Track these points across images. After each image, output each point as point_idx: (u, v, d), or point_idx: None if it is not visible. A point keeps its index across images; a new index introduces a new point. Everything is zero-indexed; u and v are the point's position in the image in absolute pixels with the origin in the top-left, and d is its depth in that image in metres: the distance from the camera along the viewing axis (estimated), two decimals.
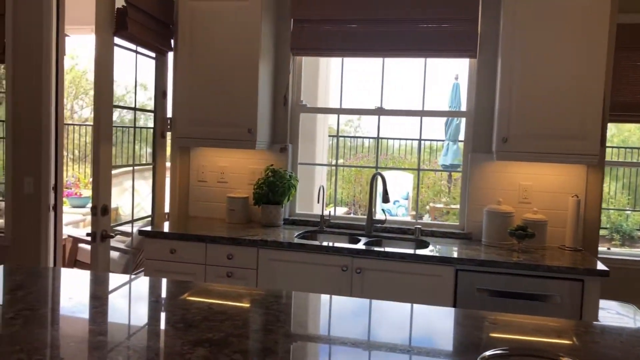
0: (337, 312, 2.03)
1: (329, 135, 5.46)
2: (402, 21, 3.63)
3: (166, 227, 3.60)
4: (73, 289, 2.15)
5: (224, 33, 3.55)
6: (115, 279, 2.29)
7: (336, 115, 4.24)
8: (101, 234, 2.94)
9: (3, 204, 4.20)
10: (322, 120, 4.88)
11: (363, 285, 3.11)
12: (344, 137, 9.24)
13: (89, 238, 3.00)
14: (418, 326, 1.89)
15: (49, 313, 1.78)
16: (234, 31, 3.53)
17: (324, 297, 2.17)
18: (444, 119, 7.36)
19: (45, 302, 1.92)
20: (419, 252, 3.14)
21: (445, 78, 7.03)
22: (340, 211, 7.02)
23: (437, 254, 3.09)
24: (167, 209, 4.06)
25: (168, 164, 4.03)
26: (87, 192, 8.07)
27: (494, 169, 3.58)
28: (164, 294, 2.12)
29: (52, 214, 4.03)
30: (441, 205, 8.18)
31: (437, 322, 1.92)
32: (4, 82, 4.17)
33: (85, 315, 1.82)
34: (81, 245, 5.33)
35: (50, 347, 1.48)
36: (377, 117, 3.94)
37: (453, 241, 3.53)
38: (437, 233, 3.64)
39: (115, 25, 3.02)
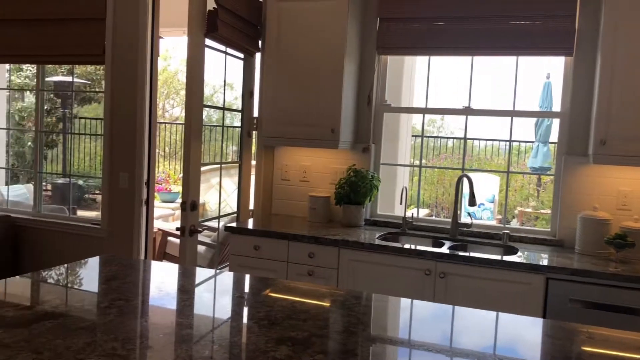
0: (418, 316, 1.98)
1: (412, 135, 5.37)
2: (493, 18, 3.50)
3: (250, 223, 3.68)
4: (162, 281, 2.24)
5: (309, 33, 3.58)
6: (201, 273, 2.37)
7: (419, 115, 4.16)
8: (189, 228, 3.04)
9: (100, 197, 4.46)
10: (406, 120, 4.80)
11: (446, 291, 3.03)
12: (428, 137, 9.07)
13: (178, 232, 3.11)
14: (504, 336, 1.81)
15: (140, 304, 1.86)
16: (320, 31, 3.55)
17: (405, 301, 2.13)
18: (534, 120, 7.05)
19: (137, 293, 2.01)
20: (507, 258, 3.01)
21: (536, 77, 6.73)
22: (423, 213, 6.90)
23: (526, 261, 2.96)
24: (251, 206, 4.14)
25: (253, 162, 4.11)
26: (177, 188, 8.42)
27: (589, 173, 3.38)
28: (247, 290, 2.16)
29: (144, 208, 4.23)
30: (530, 210, 7.84)
31: (525, 332, 1.83)
32: (103, 82, 4.42)
33: (173, 307, 1.88)
34: (170, 238, 5.56)
35: (141, 338, 1.54)
36: (464, 117, 3.83)
37: (543, 248, 3.36)
38: (526, 239, 3.48)
39: (207, 26, 3.12)
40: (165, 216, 7.31)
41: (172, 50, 11.88)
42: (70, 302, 1.85)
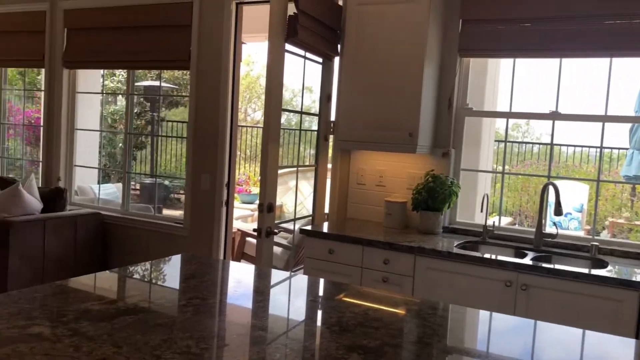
0: (498, 330, 1.89)
1: (495, 140, 5.19)
2: (585, 18, 3.31)
3: (325, 227, 3.68)
4: (238, 281, 2.27)
5: (389, 36, 3.54)
6: (276, 275, 2.39)
7: (503, 119, 4.01)
8: (266, 230, 3.08)
9: (183, 197, 4.62)
10: (488, 125, 4.64)
11: (528, 304, 2.88)
12: (512, 142, 8.74)
13: (255, 233, 3.17)
14: (591, 355, 1.69)
15: (217, 303, 1.90)
16: (400, 34, 3.50)
17: (484, 313, 2.04)
18: (628, 126, 6.61)
19: (214, 292, 2.06)
20: (596, 272, 2.83)
21: (631, 80, 6.31)
22: (505, 221, 6.64)
23: (618, 276, 2.76)
24: (326, 210, 4.15)
25: (329, 166, 4.12)
26: (257, 190, 8.61)
27: None
28: (320, 294, 2.16)
29: (224, 208, 4.35)
30: (622, 221, 7.35)
31: (615, 353, 1.70)
32: (188, 87, 4.59)
33: (248, 307, 1.91)
34: (249, 239, 5.68)
35: (216, 337, 1.57)
36: (550, 121, 3.64)
37: (637, 262, 3.14)
38: (618, 252, 3.26)
39: (287, 31, 3.16)
40: (245, 217, 7.49)
41: (255, 56, 12.18)
42: (151, 298, 1.92)
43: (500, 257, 3.07)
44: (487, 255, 3.11)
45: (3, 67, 5.71)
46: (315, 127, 4.17)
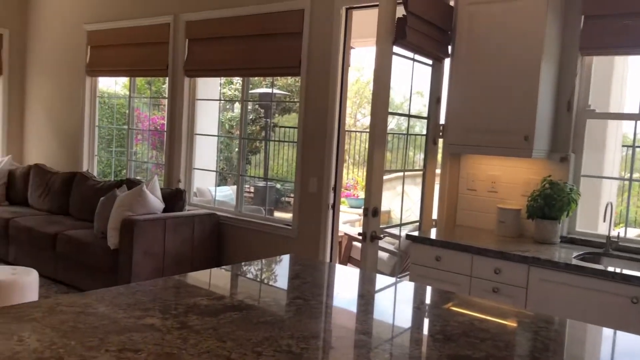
0: (622, 350, 1.73)
1: (623, 145, 4.78)
2: None
3: (433, 233, 3.59)
4: (342, 284, 2.27)
5: (503, 36, 3.38)
6: (381, 280, 2.36)
7: (631, 122, 3.68)
8: (371, 234, 3.06)
9: (292, 200, 4.73)
10: (615, 128, 4.29)
11: None
12: None
13: (361, 237, 3.16)
14: None
15: (320, 305, 1.91)
16: (515, 33, 3.33)
17: (607, 331, 1.87)
18: None
19: (319, 293, 2.07)
20: None
21: None
22: (632, 233, 6.09)
23: None
24: (434, 216, 4.05)
25: (438, 171, 4.01)
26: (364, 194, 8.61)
27: None
28: (425, 301, 2.10)
29: (330, 212, 4.38)
30: None
31: None
32: (297, 92, 4.69)
33: (352, 311, 1.90)
34: (355, 243, 5.69)
35: (316, 338, 1.57)
36: None
37: None
38: None
39: (395, 34, 3.12)
40: (352, 221, 7.52)
41: (364, 61, 12.21)
42: (256, 296, 1.97)
43: (625, 271, 2.81)
44: (610, 269, 2.86)
45: (132, 76, 6.19)
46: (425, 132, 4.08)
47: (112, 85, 7.42)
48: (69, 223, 5.32)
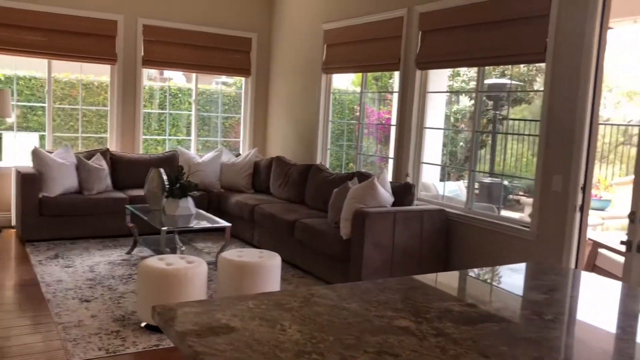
0: None
1: None
2: None
3: None
4: (603, 300, 1.95)
5: None
6: None
7: None
8: (637, 243, 2.62)
9: (524, 198, 4.34)
10: None
11: None
12: None
13: (612, 245, 2.73)
14: None
15: (586, 324, 1.65)
16: None
17: None
18: None
19: (578, 309, 1.80)
20: None
21: None
22: None
23: None
24: None
25: None
26: (608, 195, 7.67)
27: None
28: None
29: (578, 214, 3.92)
30: None
31: None
32: (534, 83, 4.28)
33: (607, 330, 1.60)
34: (601, 250, 5.05)
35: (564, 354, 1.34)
36: None
37: None
38: None
39: None
40: (594, 225, 6.72)
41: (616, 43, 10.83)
42: (512, 307, 1.78)
43: None
44: None
45: (365, 72, 6.34)
46: None
47: (342, 82, 7.73)
48: (305, 212, 5.67)
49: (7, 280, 4.62)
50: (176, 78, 8.14)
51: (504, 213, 6.48)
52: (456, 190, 6.35)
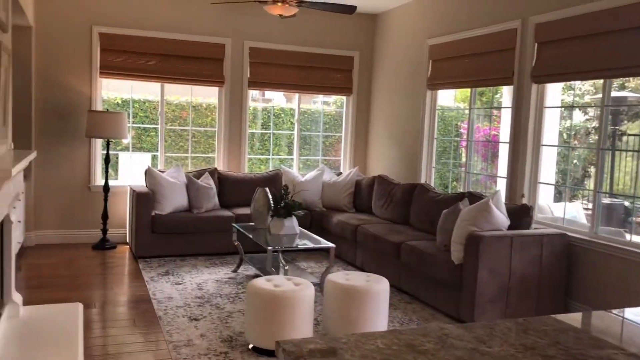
0: None
1: None
2: None
3: None
4: None
5: None
6: None
7: None
8: None
9: None
10: None
11: None
12: None
13: None
14: None
15: None
16: None
17: None
18: None
19: None
20: None
21: None
22: None
23: None
24: None
25: None
26: None
27: None
28: None
29: None
30: None
31: None
32: None
33: None
34: None
35: None
36: None
37: None
38: None
39: None
40: None
41: None
42: None
43: None
44: None
45: (474, 87, 6.06)
46: None
47: (443, 98, 7.45)
48: (410, 233, 5.46)
49: (122, 295, 4.80)
50: (276, 99, 8.25)
51: (636, 238, 5.92)
52: (572, 212, 5.87)
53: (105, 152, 6.38)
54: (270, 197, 5.44)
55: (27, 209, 6.18)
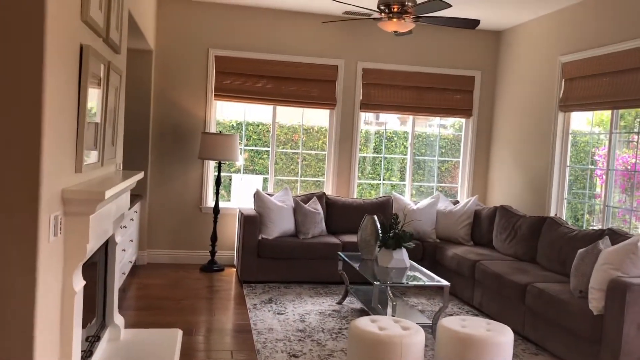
0: None
1: None
2: None
3: None
4: None
5: None
6: None
7: None
8: None
9: None
10: None
11: None
12: None
13: None
14: None
15: None
16: None
17: None
18: None
19: None
20: None
21: None
22: None
23: None
24: None
25: None
26: None
27: None
28: None
29: None
30: None
31: None
32: None
33: None
34: None
35: None
36: None
37: None
38: None
39: None
40: None
41: None
42: None
43: None
44: None
45: (614, 109, 5.31)
46: None
47: (576, 122, 6.67)
48: (538, 273, 4.82)
49: (223, 323, 4.64)
50: (390, 122, 7.90)
51: None
52: None
53: (217, 173, 6.39)
54: (378, 225, 5.08)
55: (141, 227, 6.31)
